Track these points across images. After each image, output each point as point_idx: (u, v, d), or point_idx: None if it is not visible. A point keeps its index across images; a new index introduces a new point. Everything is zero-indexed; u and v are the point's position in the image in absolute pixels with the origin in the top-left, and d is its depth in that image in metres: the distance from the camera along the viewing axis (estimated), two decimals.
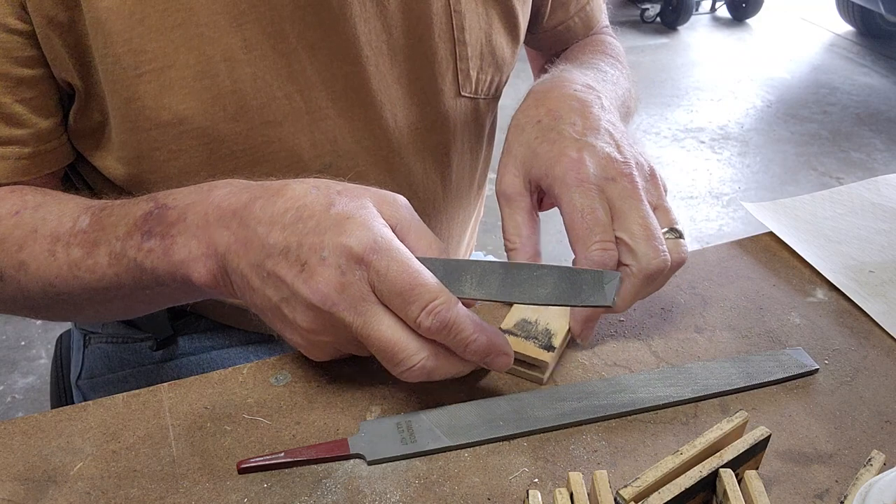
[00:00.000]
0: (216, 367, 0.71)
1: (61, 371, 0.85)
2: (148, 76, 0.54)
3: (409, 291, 0.44)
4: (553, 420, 0.51)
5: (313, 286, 0.44)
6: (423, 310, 0.44)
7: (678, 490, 0.41)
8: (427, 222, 0.71)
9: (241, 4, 0.55)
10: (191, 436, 0.49)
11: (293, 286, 0.44)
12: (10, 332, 1.92)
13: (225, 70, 0.56)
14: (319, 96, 0.60)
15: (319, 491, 0.46)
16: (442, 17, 0.64)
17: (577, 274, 0.48)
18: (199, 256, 0.48)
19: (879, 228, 0.72)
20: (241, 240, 0.46)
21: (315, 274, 0.44)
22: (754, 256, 0.69)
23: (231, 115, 0.57)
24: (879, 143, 3.03)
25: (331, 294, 0.44)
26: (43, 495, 0.46)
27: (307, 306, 0.45)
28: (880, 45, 4.05)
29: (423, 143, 0.68)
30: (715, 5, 4.46)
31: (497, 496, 0.46)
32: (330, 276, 0.44)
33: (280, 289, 0.45)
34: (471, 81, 0.68)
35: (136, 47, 0.53)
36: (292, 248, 0.45)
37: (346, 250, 0.44)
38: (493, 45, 0.68)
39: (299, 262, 0.44)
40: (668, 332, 0.59)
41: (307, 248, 0.44)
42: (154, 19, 0.53)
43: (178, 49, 0.54)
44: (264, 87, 0.58)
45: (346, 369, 0.55)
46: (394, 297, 0.44)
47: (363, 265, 0.44)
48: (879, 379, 0.56)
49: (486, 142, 0.78)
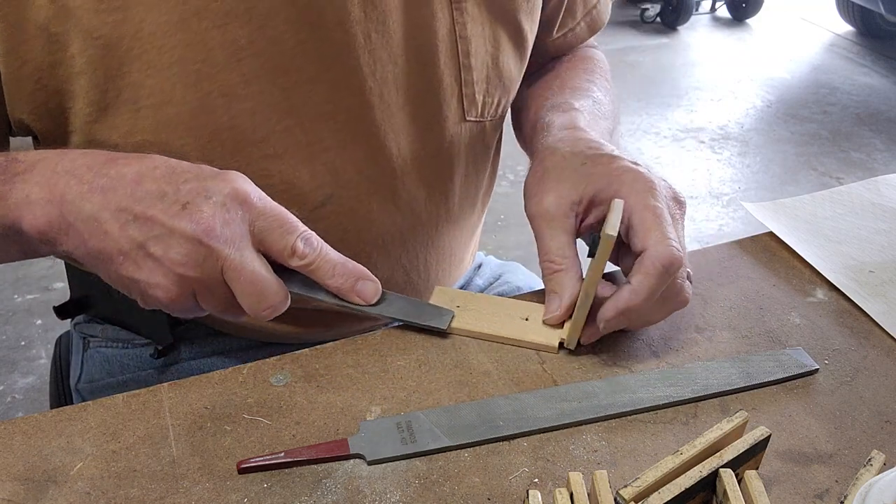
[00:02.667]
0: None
1: (60, 373, 0.85)
2: (146, 111, 0.54)
3: (287, 224, 0.50)
4: (553, 420, 0.51)
5: (197, 218, 0.47)
6: (299, 237, 0.50)
7: (678, 490, 0.41)
8: (430, 244, 0.71)
9: (241, 40, 0.54)
10: (191, 436, 0.49)
11: (170, 224, 0.47)
12: (10, 332, 1.92)
13: (223, 105, 0.55)
14: (320, 128, 0.59)
15: (319, 491, 0.46)
16: (447, 43, 0.63)
17: (422, 304, 0.58)
18: (38, 201, 0.48)
19: (879, 228, 0.72)
20: (97, 188, 0.48)
21: (200, 209, 0.47)
22: (754, 256, 0.69)
23: (229, 151, 0.57)
24: (879, 143, 3.03)
25: (215, 227, 0.47)
26: (43, 495, 0.46)
27: (186, 238, 0.47)
28: (880, 45, 4.05)
29: (426, 169, 0.67)
30: (715, 5, 4.45)
31: (497, 496, 0.46)
32: (215, 211, 0.47)
33: (150, 228, 0.47)
34: (476, 106, 0.67)
35: (134, 82, 0.53)
36: (169, 194, 0.48)
37: (231, 192, 0.48)
38: (500, 68, 0.67)
39: (179, 203, 0.47)
40: (668, 332, 0.59)
41: (187, 191, 0.48)
42: (152, 55, 0.53)
43: (175, 86, 0.54)
44: (263, 122, 0.57)
45: (346, 369, 0.55)
46: (274, 231, 0.49)
47: (246, 207, 0.48)
48: (879, 379, 0.56)
49: (491, 161, 0.77)
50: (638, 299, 0.52)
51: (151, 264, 0.48)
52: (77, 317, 0.79)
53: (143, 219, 0.47)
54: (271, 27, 0.55)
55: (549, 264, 0.57)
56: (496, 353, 0.56)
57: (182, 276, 0.48)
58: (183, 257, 0.47)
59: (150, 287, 0.48)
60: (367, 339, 0.58)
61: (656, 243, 0.53)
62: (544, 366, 0.56)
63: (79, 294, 0.76)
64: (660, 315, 0.56)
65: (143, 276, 0.48)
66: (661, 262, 0.52)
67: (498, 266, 0.93)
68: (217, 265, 0.48)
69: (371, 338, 0.58)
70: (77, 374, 0.76)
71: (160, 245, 0.47)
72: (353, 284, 0.53)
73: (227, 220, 0.47)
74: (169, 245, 0.47)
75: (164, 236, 0.47)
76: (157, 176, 0.48)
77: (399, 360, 0.56)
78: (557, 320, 0.57)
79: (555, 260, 0.56)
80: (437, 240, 0.72)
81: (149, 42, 0.52)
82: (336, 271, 0.52)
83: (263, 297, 0.49)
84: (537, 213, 0.58)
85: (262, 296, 0.49)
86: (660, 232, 0.53)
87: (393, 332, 0.58)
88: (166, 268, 0.47)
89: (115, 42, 0.52)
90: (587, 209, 0.57)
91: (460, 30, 0.63)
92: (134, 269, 0.48)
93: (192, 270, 0.48)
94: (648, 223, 0.54)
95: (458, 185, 0.71)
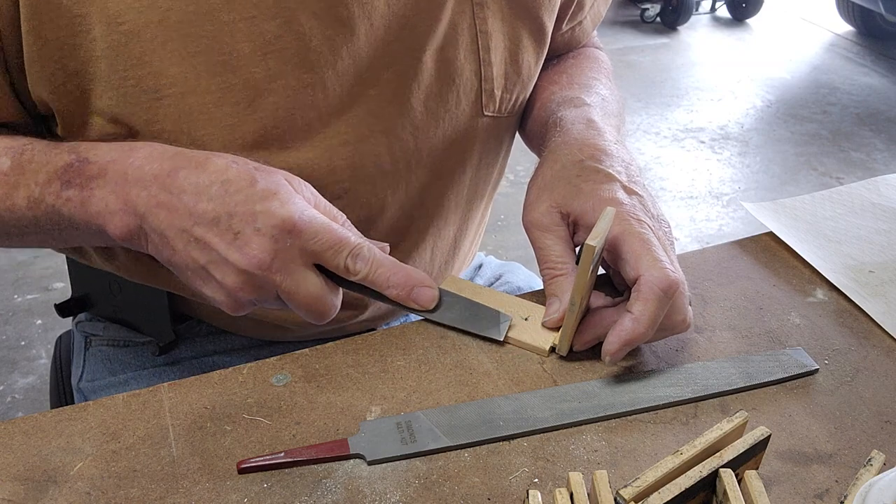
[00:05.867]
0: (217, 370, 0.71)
1: (61, 372, 0.85)
2: (167, 100, 0.54)
3: (337, 244, 0.50)
4: (553, 420, 0.51)
5: (248, 253, 0.48)
6: (349, 255, 0.51)
7: (678, 490, 0.41)
8: (437, 235, 0.71)
9: (267, 34, 0.54)
10: (191, 436, 0.49)
11: (224, 253, 0.49)
12: (10, 332, 1.92)
13: (246, 98, 0.55)
14: (340, 123, 0.60)
15: (319, 491, 0.46)
16: (467, 37, 0.63)
17: (479, 308, 0.58)
18: (116, 211, 0.50)
19: (879, 228, 0.72)
20: (162, 203, 0.50)
21: (250, 242, 0.49)
22: (754, 256, 0.69)
23: (249, 144, 0.57)
24: (879, 143, 3.03)
25: (265, 259, 0.49)
26: (43, 495, 0.46)
27: (238, 271, 0.49)
28: (880, 45, 4.05)
29: (440, 162, 0.67)
30: (715, 5, 4.45)
31: (497, 496, 0.46)
32: (264, 244, 0.48)
33: (208, 253, 0.49)
34: (494, 101, 0.67)
35: (156, 70, 0.53)
36: (222, 219, 0.49)
37: (278, 222, 0.49)
38: (519, 63, 0.67)
39: (231, 231, 0.49)
40: None
41: (238, 218, 0.49)
42: (177, 44, 0.53)
43: (200, 76, 0.54)
44: (285, 117, 0.57)
45: (346, 369, 0.55)
46: (325, 252, 0.50)
47: (294, 234, 0.49)
48: (879, 379, 0.56)
49: (503, 155, 0.77)
50: (641, 328, 0.51)
51: (214, 285, 0.50)
52: (79, 316, 0.79)
53: (202, 243, 0.49)
54: (298, 22, 0.55)
55: (549, 270, 0.58)
56: (496, 353, 0.56)
57: (238, 297, 0.50)
58: (238, 284, 0.49)
59: (216, 301, 0.51)
60: (367, 339, 0.58)
61: (649, 268, 0.52)
62: (544, 366, 0.56)
63: (80, 292, 0.76)
64: (661, 336, 0.55)
65: (208, 291, 0.51)
66: (659, 286, 0.51)
67: (498, 266, 0.93)
68: (272, 289, 0.50)
69: (371, 338, 0.58)
70: (79, 373, 0.76)
71: (218, 271, 0.50)
72: (409, 292, 0.53)
73: (277, 251, 0.49)
74: (225, 274, 0.49)
75: (220, 263, 0.49)
76: (213, 194, 0.49)
77: (399, 360, 0.56)
78: (556, 323, 0.57)
79: (554, 266, 0.57)
80: (445, 231, 0.73)
81: (175, 31, 0.52)
82: (391, 281, 0.52)
83: (317, 313, 0.51)
84: (531, 223, 0.59)
85: (316, 312, 0.51)
86: (650, 256, 0.53)
87: (393, 331, 0.58)
88: (226, 290, 0.50)
89: (139, 29, 0.52)
90: (575, 226, 0.58)
91: (480, 24, 0.63)
92: (201, 284, 0.51)
93: (248, 294, 0.50)
94: (638, 250, 0.53)
95: (469, 179, 0.71)
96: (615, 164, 0.59)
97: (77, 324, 0.78)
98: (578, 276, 0.51)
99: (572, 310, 0.53)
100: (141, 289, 0.68)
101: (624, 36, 4.06)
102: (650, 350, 0.58)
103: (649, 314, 0.51)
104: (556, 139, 0.63)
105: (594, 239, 0.50)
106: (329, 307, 0.51)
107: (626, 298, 0.54)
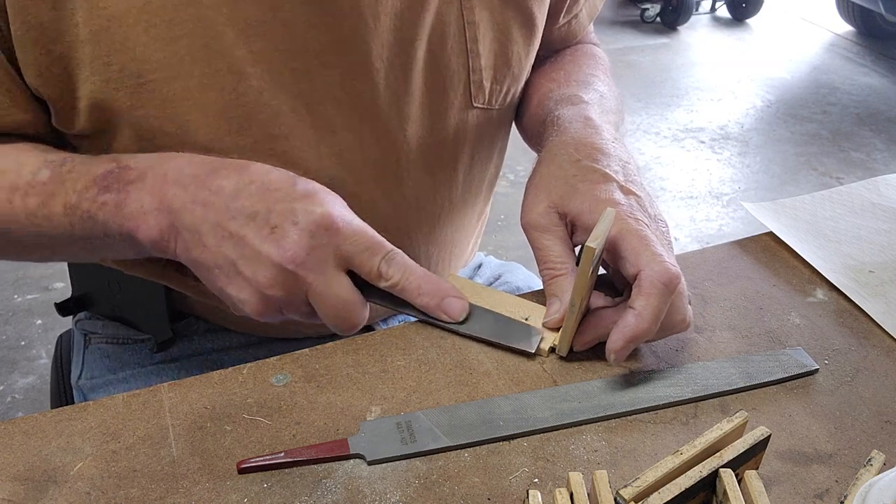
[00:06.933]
0: (216, 368, 0.71)
1: (61, 371, 0.85)
2: (152, 85, 0.54)
3: (373, 247, 0.51)
4: (553, 420, 0.51)
5: (284, 246, 0.49)
6: (384, 258, 0.51)
7: (678, 490, 0.41)
8: (431, 233, 0.71)
9: (251, 18, 0.54)
10: (191, 436, 0.49)
11: (259, 247, 0.49)
12: (10, 332, 1.92)
13: (230, 82, 0.55)
14: (327, 111, 0.60)
15: (319, 491, 0.46)
16: (455, 29, 0.63)
17: (509, 321, 0.57)
18: (151, 210, 0.51)
19: (879, 228, 0.72)
20: (199, 201, 0.50)
21: (287, 235, 0.49)
22: (754, 256, 0.69)
23: (235, 129, 0.57)
24: (879, 143, 3.03)
25: (300, 254, 0.49)
26: (43, 495, 0.46)
27: (271, 265, 0.49)
28: (880, 45, 4.05)
29: (432, 155, 0.67)
30: (715, 5, 4.45)
31: (497, 496, 0.46)
32: (301, 239, 0.49)
33: (241, 248, 0.49)
34: (483, 92, 0.67)
35: (140, 55, 0.53)
36: (261, 214, 0.49)
37: (318, 217, 0.49)
38: (508, 55, 0.67)
39: (268, 225, 0.49)
40: None
41: (277, 213, 0.49)
42: (160, 29, 0.53)
43: (184, 60, 0.54)
44: (271, 101, 0.57)
45: (346, 369, 0.55)
46: (360, 254, 0.51)
47: (332, 232, 0.49)
48: (879, 379, 0.56)
49: (498, 150, 0.77)
50: (644, 324, 0.51)
51: (241, 282, 0.50)
52: (78, 315, 0.79)
53: (236, 237, 0.49)
54: (283, 8, 0.55)
55: (548, 271, 0.57)
56: (496, 353, 0.56)
57: (268, 296, 0.50)
58: (269, 280, 0.49)
59: (240, 301, 0.51)
60: (367, 339, 0.58)
61: (649, 262, 0.52)
62: (544, 366, 0.56)
63: (80, 291, 0.76)
64: (661, 336, 0.55)
65: (234, 291, 0.51)
66: (660, 279, 0.51)
67: (498, 266, 0.93)
68: (302, 289, 0.50)
69: (371, 338, 0.58)
70: (78, 371, 0.76)
71: (249, 266, 0.49)
72: (439, 302, 0.54)
73: (313, 247, 0.49)
74: (256, 268, 0.49)
75: (252, 258, 0.49)
76: (252, 192, 0.50)
77: (399, 360, 0.56)
78: (557, 323, 0.56)
79: (554, 266, 0.57)
80: (439, 229, 0.72)
81: (157, 15, 0.52)
82: (422, 290, 0.53)
83: (345, 320, 0.51)
84: (529, 224, 0.58)
85: (344, 318, 0.51)
86: (650, 252, 0.53)
87: (393, 331, 0.58)
88: (254, 287, 0.50)
89: (121, 14, 0.52)
90: (573, 226, 0.58)
91: (468, 15, 0.63)
92: (226, 283, 0.51)
93: (277, 292, 0.50)
94: (636, 247, 0.53)
95: (463, 174, 0.71)
96: (612, 164, 0.59)
97: (77, 322, 0.78)
98: (578, 278, 0.51)
99: (572, 310, 0.53)
100: (140, 287, 0.69)
101: (624, 36, 4.06)
102: (650, 350, 0.58)
103: (652, 308, 0.51)
104: (554, 138, 0.62)
105: (594, 241, 0.50)
106: (358, 316, 0.51)
107: (626, 298, 0.54)
